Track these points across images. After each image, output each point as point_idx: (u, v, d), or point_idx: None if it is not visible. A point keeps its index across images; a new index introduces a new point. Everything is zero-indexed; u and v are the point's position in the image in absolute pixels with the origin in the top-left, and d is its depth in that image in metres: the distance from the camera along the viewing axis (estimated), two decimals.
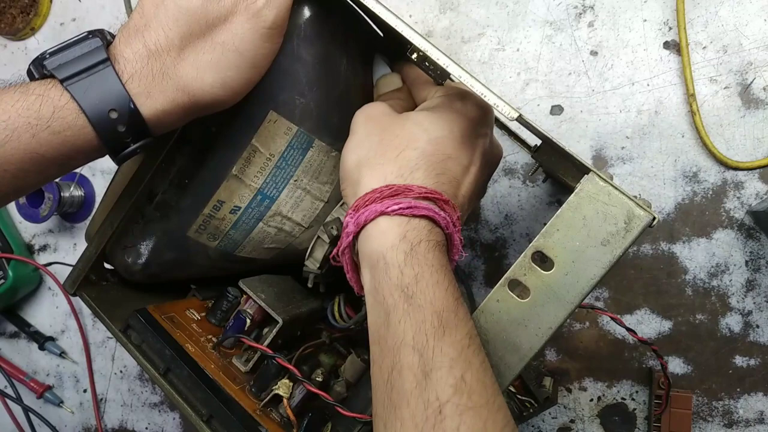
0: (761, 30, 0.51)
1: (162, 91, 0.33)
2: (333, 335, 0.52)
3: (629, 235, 0.32)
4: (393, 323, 0.31)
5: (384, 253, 0.32)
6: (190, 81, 0.33)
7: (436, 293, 0.31)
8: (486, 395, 0.29)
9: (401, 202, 0.33)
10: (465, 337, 0.31)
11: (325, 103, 0.41)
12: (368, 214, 0.33)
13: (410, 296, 0.31)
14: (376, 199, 0.34)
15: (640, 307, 0.55)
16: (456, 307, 0.32)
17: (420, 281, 0.31)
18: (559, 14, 0.57)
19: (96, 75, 0.32)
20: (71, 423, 0.80)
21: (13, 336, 0.83)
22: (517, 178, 0.59)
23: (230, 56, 0.34)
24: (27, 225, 0.81)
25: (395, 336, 0.30)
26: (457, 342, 0.30)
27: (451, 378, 0.29)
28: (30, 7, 0.77)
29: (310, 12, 0.38)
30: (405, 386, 0.29)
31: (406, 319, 0.30)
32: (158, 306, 0.48)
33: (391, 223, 0.33)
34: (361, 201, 0.34)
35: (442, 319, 0.30)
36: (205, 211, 0.42)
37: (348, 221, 0.35)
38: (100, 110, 0.32)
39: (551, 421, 0.58)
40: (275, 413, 0.45)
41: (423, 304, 0.31)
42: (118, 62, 0.33)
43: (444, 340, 0.30)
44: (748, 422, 0.53)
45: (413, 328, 0.30)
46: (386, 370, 0.30)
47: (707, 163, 0.53)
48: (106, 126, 0.32)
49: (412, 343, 0.30)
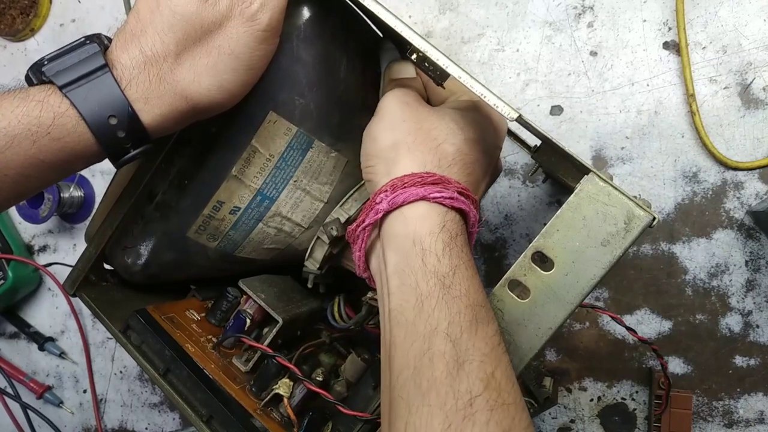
0: (761, 30, 0.51)
1: (160, 96, 0.33)
2: (333, 335, 0.52)
3: (629, 235, 0.32)
4: (427, 309, 0.31)
5: (421, 238, 0.32)
6: (187, 85, 0.33)
7: (471, 287, 0.32)
8: (514, 394, 0.29)
9: (444, 191, 0.33)
10: (496, 335, 0.31)
11: (324, 104, 0.41)
12: (407, 195, 0.33)
13: (448, 286, 0.31)
14: (416, 182, 0.33)
15: (640, 307, 0.55)
16: (487, 304, 0.32)
17: (457, 273, 0.31)
18: (558, 15, 0.57)
19: (95, 81, 0.32)
20: (71, 423, 0.80)
21: (13, 336, 0.83)
22: (517, 178, 0.59)
23: (227, 60, 0.34)
24: (27, 226, 0.80)
25: (428, 322, 0.30)
26: (488, 338, 0.30)
27: (482, 372, 0.29)
28: (30, 8, 0.77)
29: (309, 12, 0.38)
30: (435, 374, 0.29)
31: (442, 307, 0.30)
32: (158, 306, 0.48)
33: (431, 211, 0.33)
34: (398, 181, 0.34)
35: (476, 314, 0.31)
36: (204, 211, 0.42)
37: (382, 198, 0.34)
38: (100, 117, 0.32)
39: (551, 421, 0.58)
40: (276, 413, 0.45)
41: (460, 296, 0.31)
42: (116, 68, 0.33)
43: (477, 335, 0.30)
44: (748, 422, 0.53)
45: (448, 317, 0.30)
46: (414, 355, 0.30)
47: (707, 163, 0.53)
48: (105, 132, 0.32)
49: (447, 331, 0.30)
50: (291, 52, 0.38)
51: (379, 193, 0.34)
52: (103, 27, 0.76)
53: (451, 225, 0.33)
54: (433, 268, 0.32)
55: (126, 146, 0.34)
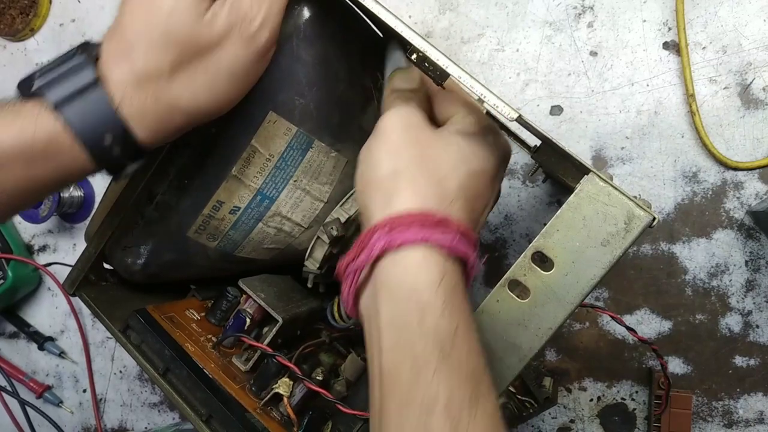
0: (761, 30, 0.51)
1: (155, 113, 0.33)
2: (333, 335, 0.52)
3: (629, 235, 0.32)
4: (423, 379, 0.28)
5: (420, 290, 0.29)
6: (182, 102, 0.33)
7: (471, 352, 0.29)
8: None
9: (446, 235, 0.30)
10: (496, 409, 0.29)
11: (324, 104, 0.41)
12: (407, 237, 0.30)
13: (447, 354, 0.28)
14: (417, 222, 0.30)
15: (640, 307, 0.55)
16: (485, 368, 0.30)
17: (457, 335, 0.29)
18: (558, 15, 0.57)
19: (88, 99, 0.32)
20: (71, 423, 0.80)
21: (13, 336, 0.83)
22: (517, 178, 0.59)
23: (224, 77, 0.34)
24: (26, 225, 0.80)
25: (426, 395, 0.28)
26: (488, 416, 0.28)
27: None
28: (29, 8, 0.77)
29: (309, 13, 0.38)
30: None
31: (441, 379, 0.28)
32: (158, 306, 0.48)
33: (431, 257, 0.30)
34: (397, 219, 0.30)
35: (476, 386, 0.28)
36: (204, 211, 0.42)
37: (379, 236, 0.30)
38: (96, 136, 0.32)
39: (551, 421, 0.58)
40: (275, 412, 0.45)
41: (459, 366, 0.28)
42: (108, 84, 0.32)
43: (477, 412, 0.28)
44: (748, 422, 0.53)
45: (447, 391, 0.28)
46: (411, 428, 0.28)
47: (707, 164, 0.53)
48: (101, 150, 0.32)
49: (446, 409, 0.27)
50: (291, 52, 0.38)
51: (375, 231, 0.31)
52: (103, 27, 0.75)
53: (452, 274, 0.30)
54: (432, 329, 0.29)
55: (122, 162, 0.33)
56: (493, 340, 0.35)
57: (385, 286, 0.31)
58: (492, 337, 0.35)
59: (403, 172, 0.32)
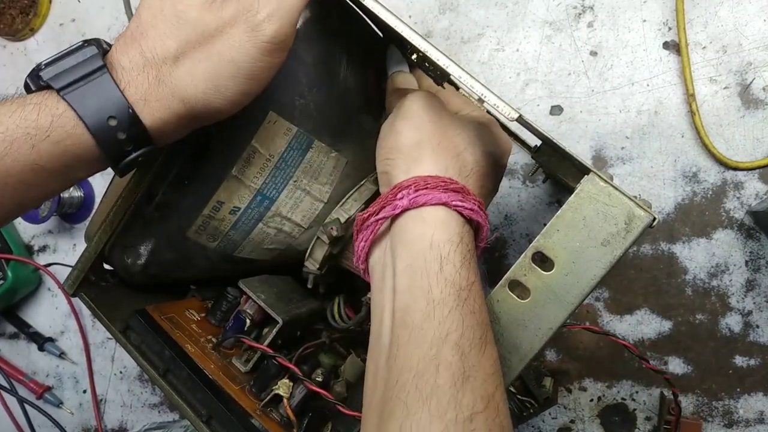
0: (761, 30, 0.51)
1: (159, 99, 0.33)
2: (333, 336, 0.52)
3: (629, 235, 0.32)
4: (438, 316, 0.30)
5: (440, 244, 0.32)
6: (185, 89, 0.33)
7: (483, 306, 0.32)
8: (508, 419, 0.30)
9: (465, 201, 0.33)
10: (498, 358, 0.31)
11: (325, 104, 0.41)
12: (430, 198, 0.33)
13: (464, 299, 0.31)
14: (440, 186, 0.33)
15: (640, 307, 0.55)
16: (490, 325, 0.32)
17: (473, 288, 0.31)
18: (558, 14, 0.57)
19: (93, 83, 0.32)
20: (71, 424, 0.80)
21: (13, 337, 0.83)
22: (517, 178, 0.59)
23: (226, 66, 0.33)
24: (26, 226, 0.80)
25: (439, 329, 0.30)
26: (493, 359, 0.30)
27: (485, 391, 0.29)
28: (29, 7, 0.77)
29: (310, 12, 0.38)
30: (440, 381, 0.29)
31: (455, 318, 0.30)
32: (158, 306, 0.48)
33: (451, 219, 0.33)
34: (422, 181, 0.33)
35: (485, 333, 0.31)
36: (204, 211, 0.42)
37: (404, 194, 0.33)
38: (99, 118, 0.31)
39: (551, 422, 0.58)
40: (275, 413, 0.45)
41: (473, 312, 0.31)
42: (115, 70, 0.32)
43: (485, 354, 0.30)
44: (748, 422, 0.53)
45: (460, 329, 0.30)
46: (419, 359, 0.30)
47: (707, 163, 0.53)
48: (105, 134, 0.32)
49: (457, 343, 0.29)
50: (291, 52, 0.38)
51: (401, 189, 0.34)
52: (103, 27, 0.76)
53: (468, 238, 0.33)
54: (450, 278, 0.31)
55: (127, 149, 0.33)
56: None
57: (406, 239, 0.33)
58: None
59: (425, 143, 0.36)
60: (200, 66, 0.33)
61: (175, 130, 0.35)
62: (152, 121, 0.33)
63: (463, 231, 0.33)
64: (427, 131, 0.36)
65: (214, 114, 0.35)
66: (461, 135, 0.37)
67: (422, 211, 0.33)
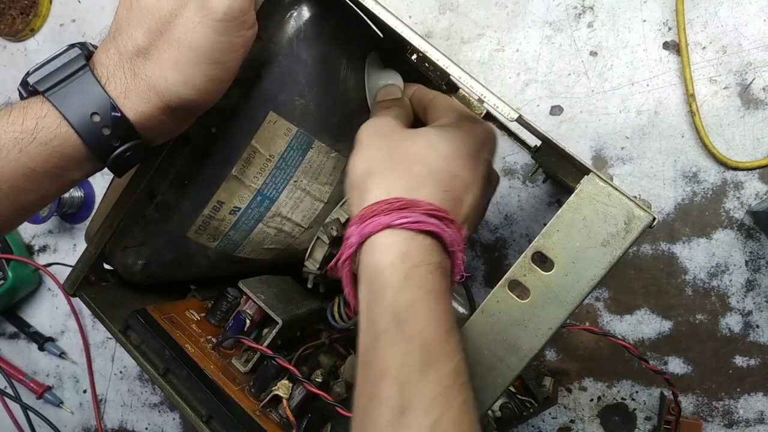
0: (761, 30, 0.51)
1: (137, 92, 0.33)
2: (332, 336, 0.52)
3: (629, 235, 0.32)
4: (380, 349, 0.30)
5: (383, 269, 0.31)
6: (156, 82, 0.33)
7: (429, 322, 0.30)
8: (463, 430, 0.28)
9: (409, 216, 0.32)
10: (450, 374, 0.30)
11: (325, 104, 0.41)
12: (374, 225, 0.32)
13: (401, 323, 0.30)
14: (383, 210, 0.32)
15: (640, 307, 0.55)
16: (447, 339, 0.31)
17: (412, 308, 0.30)
18: (558, 15, 0.57)
19: (75, 81, 0.32)
20: (71, 423, 0.80)
21: (13, 337, 0.83)
22: (517, 178, 0.59)
23: (187, 53, 0.32)
24: (27, 226, 0.81)
25: (380, 364, 0.30)
26: (441, 379, 0.29)
27: (428, 419, 0.28)
28: (30, 8, 0.77)
29: (309, 13, 0.38)
30: (380, 420, 0.28)
31: (393, 348, 0.29)
32: (158, 306, 0.48)
33: (396, 238, 0.32)
34: (367, 211, 0.33)
35: (429, 352, 0.29)
36: (204, 211, 0.42)
37: (352, 231, 0.33)
38: (82, 114, 0.32)
39: (551, 421, 0.58)
40: (275, 414, 0.45)
41: (412, 335, 0.30)
42: (96, 68, 0.33)
43: (428, 376, 0.29)
44: (748, 422, 0.53)
45: (398, 359, 0.29)
46: (365, 398, 0.30)
47: (707, 163, 0.53)
48: (90, 130, 0.32)
49: (395, 375, 0.29)
50: (291, 52, 0.38)
51: (350, 226, 0.33)
52: (104, 27, 0.76)
53: (416, 252, 0.32)
54: (390, 304, 0.30)
55: (114, 144, 0.33)
56: (493, 340, 0.35)
57: (363, 273, 0.33)
58: (492, 337, 0.35)
59: (373, 170, 0.35)
60: (164, 56, 0.33)
61: (162, 124, 0.34)
62: (135, 115, 0.33)
63: (411, 246, 0.32)
64: (374, 158, 0.36)
65: (190, 105, 0.34)
66: (411, 148, 0.36)
67: (372, 241, 0.32)
